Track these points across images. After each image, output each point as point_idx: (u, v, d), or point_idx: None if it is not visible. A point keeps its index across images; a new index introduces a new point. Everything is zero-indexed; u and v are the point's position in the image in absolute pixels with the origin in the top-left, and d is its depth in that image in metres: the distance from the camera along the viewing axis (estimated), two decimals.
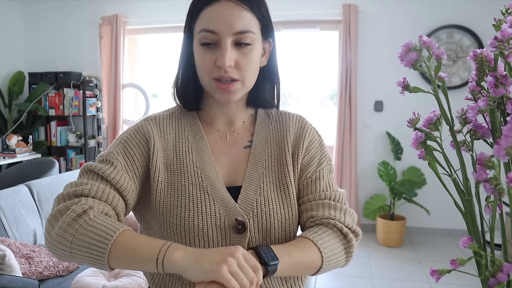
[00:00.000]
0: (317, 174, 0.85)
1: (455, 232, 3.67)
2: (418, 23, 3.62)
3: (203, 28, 0.75)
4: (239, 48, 0.75)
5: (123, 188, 0.76)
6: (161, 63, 4.46)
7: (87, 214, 0.67)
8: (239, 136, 0.88)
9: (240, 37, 0.74)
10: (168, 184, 0.81)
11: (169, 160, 0.82)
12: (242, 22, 0.74)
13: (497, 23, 0.53)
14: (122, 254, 0.65)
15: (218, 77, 0.76)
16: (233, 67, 0.75)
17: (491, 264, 0.49)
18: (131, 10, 4.16)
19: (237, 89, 0.78)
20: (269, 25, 0.80)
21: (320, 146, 0.89)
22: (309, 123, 0.91)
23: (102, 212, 0.70)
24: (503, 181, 0.45)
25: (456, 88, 3.55)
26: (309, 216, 0.82)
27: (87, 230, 0.65)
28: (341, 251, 0.79)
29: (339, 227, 0.79)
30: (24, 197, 2.39)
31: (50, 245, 0.69)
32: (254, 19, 0.76)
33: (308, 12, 3.79)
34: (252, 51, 0.77)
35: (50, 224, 0.70)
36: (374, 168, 3.77)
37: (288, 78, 4.18)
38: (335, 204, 0.82)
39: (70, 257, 0.68)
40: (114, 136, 4.23)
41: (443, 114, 0.56)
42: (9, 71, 4.26)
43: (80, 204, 0.69)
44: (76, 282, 1.91)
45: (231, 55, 0.74)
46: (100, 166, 0.76)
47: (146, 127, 0.83)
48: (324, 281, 2.83)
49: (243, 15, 0.74)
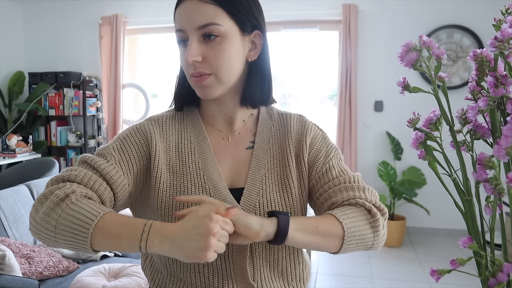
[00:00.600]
0: (327, 166, 0.85)
1: (455, 232, 3.67)
2: (418, 23, 3.62)
3: (176, 29, 0.79)
4: (207, 42, 0.76)
5: (113, 180, 0.76)
6: (161, 63, 4.46)
7: (69, 198, 0.68)
8: (240, 136, 0.88)
9: (204, 31, 0.75)
10: (170, 185, 0.80)
11: (172, 161, 0.82)
12: (203, 16, 0.75)
13: (497, 23, 0.53)
14: (104, 239, 0.65)
15: (192, 74, 0.78)
16: (203, 62, 0.76)
17: (491, 264, 0.49)
18: (131, 10, 4.16)
19: (211, 84, 0.78)
20: (250, 18, 0.79)
21: (324, 139, 0.89)
22: (309, 120, 0.91)
23: (86, 196, 0.70)
24: (503, 181, 0.45)
25: (456, 88, 3.56)
26: (329, 204, 0.82)
27: (68, 215, 0.66)
28: (366, 225, 0.77)
29: (361, 203, 0.79)
30: (24, 197, 2.39)
31: (35, 230, 0.69)
32: (220, 11, 0.75)
33: (308, 12, 3.79)
34: (221, 44, 0.76)
35: (34, 209, 0.70)
36: (374, 168, 3.77)
37: (288, 78, 4.18)
38: (352, 185, 0.82)
39: (54, 242, 0.68)
40: (114, 136, 4.23)
41: (443, 114, 0.56)
42: (9, 71, 4.26)
43: (63, 189, 0.69)
44: (76, 282, 1.91)
45: (195, 50, 0.75)
46: (94, 157, 0.78)
47: (148, 127, 0.83)
48: (324, 281, 2.83)
49: (205, 9, 0.75)
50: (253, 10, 0.80)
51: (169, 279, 0.82)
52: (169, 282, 0.82)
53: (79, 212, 0.66)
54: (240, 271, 0.80)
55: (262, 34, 0.83)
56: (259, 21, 0.81)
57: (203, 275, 0.79)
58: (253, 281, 0.80)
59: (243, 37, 0.79)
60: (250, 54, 0.82)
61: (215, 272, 0.79)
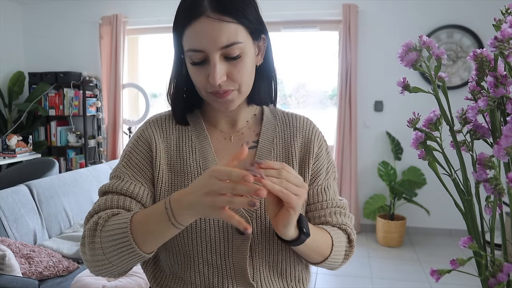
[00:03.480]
0: (326, 182, 0.88)
1: (455, 232, 3.67)
2: (418, 23, 3.62)
3: (189, 48, 0.73)
4: (229, 60, 0.73)
5: (135, 193, 0.78)
6: (161, 63, 4.47)
7: (99, 224, 0.71)
8: (243, 136, 0.88)
9: (227, 51, 0.72)
10: (171, 184, 0.81)
11: (172, 160, 0.82)
12: (226, 36, 0.70)
13: (497, 23, 0.53)
14: (146, 237, 0.67)
15: (213, 92, 0.76)
16: (226, 80, 0.74)
17: (491, 264, 0.49)
18: (131, 10, 4.16)
19: (234, 97, 0.77)
20: (258, 26, 0.77)
21: (327, 153, 0.91)
22: (316, 126, 0.91)
23: (112, 214, 0.73)
24: (503, 181, 0.45)
25: (456, 88, 3.56)
26: (323, 221, 0.85)
27: (107, 238, 0.69)
28: (343, 254, 0.84)
29: (348, 232, 0.85)
30: (24, 197, 2.39)
31: (94, 268, 0.73)
32: (240, 27, 0.72)
33: (308, 12, 3.79)
34: (243, 60, 0.74)
35: (82, 252, 0.75)
36: (374, 168, 3.77)
37: (288, 78, 4.18)
38: (345, 211, 0.88)
39: (114, 267, 0.71)
40: (114, 136, 4.23)
41: (443, 114, 0.56)
42: (9, 71, 4.26)
43: (91, 221, 0.73)
44: (76, 282, 1.91)
45: (221, 70, 0.73)
46: (109, 182, 0.80)
47: (147, 131, 0.84)
48: (324, 281, 2.83)
49: (226, 28, 0.70)
50: (259, 15, 0.78)
51: (171, 278, 0.82)
52: (171, 281, 0.82)
53: (112, 230, 0.68)
54: (240, 271, 0.80)
55: (266, 36, 0.82)
56: (264, 25, 0.80)
57: (203, 275, 0.79)
58: (252, 281, 0.80)
59: (254, 45, 0.78)
60: (257, 58, 0.81)
61: (215, 272, 0.79)
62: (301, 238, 0.72)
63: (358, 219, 3.82)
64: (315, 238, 0.76)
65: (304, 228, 0.72)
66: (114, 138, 4.24)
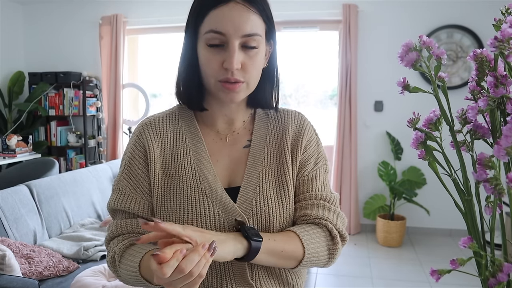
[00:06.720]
0: (313, 173, 0.86)
1: (455, 232, 3.67)
2: (418, 23, 3.62)
3: (210, 29, 0.73)
4: (245, 50, 0.75)
5: (140, 211, 0.83)
6: (161, 63, 4.47)
7: (115, 260, 0.80)
8: (239, 136, 0.88)
9: (248, 40, 0.74)
10: (166, 188, 0.81)
11: (167, 164, 0.83)
12: (250, 25, 0.73)
13: (497, 23, 0.53)
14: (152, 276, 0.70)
15: (224, 80, 0.75)
16: (239, 70, 0.75)
17: (491, 264, 0.49)
18: (131, 10, 4.16)
19: (241, 90, 0.78)
20: (272, 27, 0.80)
21: (317, 145, 0.89)
22: (307, 120, 0.91)
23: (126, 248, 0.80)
24: (503, 181, 0.45)
25: (456, 88, 3.56)
26: (302, 214, 0.83)
27: (125, 275, 0.79)
28: (325, 251, 0.80)
29: (329, 228, 0.81)
30: (24, 197, 2.39)
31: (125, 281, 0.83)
32: (261, 21, 0.76)
33: (308, 12, 3.79)
34: (258, 54, 0.77)
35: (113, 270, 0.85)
36: (374, 168, 3.77)
37: (288, 78, 4.18)
38: (330, 206, 0.84)
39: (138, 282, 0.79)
40: (114, 136, 4.23)
41: (443, 114, 0.56)
42: (9, 71, 4.26)
43: (109, 254, 0.83)
44: (76, 282, 1.91)
45: (239, 58, 0.74)
46: (114, 198, 0.84)
47: (143, 136, 0.84)
48: (324, 281, 2.83)
49: (252, 17, 0.73)
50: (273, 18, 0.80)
51: None
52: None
53: (127, 270, 0.77)
54: (239, 271, 0.80)
55: (274, 42, 0.83)
56: (275, 29, 0.82)
57: None
58: (251, 280, 0.80)
59: (266, 45, 0.81)
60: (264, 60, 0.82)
61: (214, 272, 0.80)
62: (253, 245, 0.71)
63: (358, 219, 3.82)
64: (276, 243, 0.75)
65: (251, 235, 0.72)
66: (114, 138, 4.24)
